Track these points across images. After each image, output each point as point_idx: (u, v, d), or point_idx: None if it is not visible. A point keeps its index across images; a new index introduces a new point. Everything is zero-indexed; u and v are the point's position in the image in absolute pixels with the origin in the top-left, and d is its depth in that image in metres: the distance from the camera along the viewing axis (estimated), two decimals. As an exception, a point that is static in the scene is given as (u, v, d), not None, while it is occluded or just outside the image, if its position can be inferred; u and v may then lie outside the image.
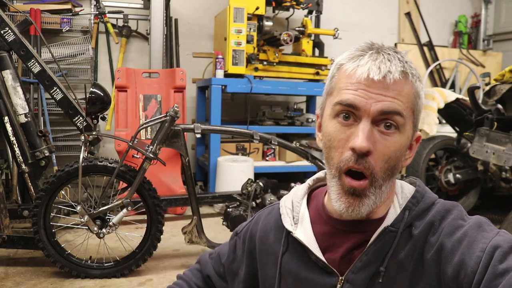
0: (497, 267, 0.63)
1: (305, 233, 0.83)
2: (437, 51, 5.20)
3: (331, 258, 0.80)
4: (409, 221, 0.76)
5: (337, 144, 0.74)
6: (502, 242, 0.66)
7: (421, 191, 0.80)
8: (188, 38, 4.65)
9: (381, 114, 0.71)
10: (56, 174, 2.27)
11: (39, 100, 3.81)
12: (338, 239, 0.80)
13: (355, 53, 0.75)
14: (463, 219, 0.74)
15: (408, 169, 3.77)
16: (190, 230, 2.44)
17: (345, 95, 0.73)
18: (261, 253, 0.91)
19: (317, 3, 4.53)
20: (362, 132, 0.70)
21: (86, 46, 4.03)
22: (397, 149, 0.73)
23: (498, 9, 5.88)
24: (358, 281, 0.76)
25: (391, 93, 0.71)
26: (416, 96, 0.75)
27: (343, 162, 0.73)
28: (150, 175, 2.43)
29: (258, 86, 3.99)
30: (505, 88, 3.02)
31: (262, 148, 4.32)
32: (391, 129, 0.72)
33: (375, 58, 0.73)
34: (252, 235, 0.95)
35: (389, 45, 0.78)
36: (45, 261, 2.41)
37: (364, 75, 0.71)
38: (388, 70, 0.71)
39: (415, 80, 0.75)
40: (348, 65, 0.75)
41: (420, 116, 0.78)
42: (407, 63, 0.74)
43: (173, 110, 2.30)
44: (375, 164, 0.72)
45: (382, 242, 0.75)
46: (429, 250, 0.72)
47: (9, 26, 2.45)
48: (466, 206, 3.81)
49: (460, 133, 3.75)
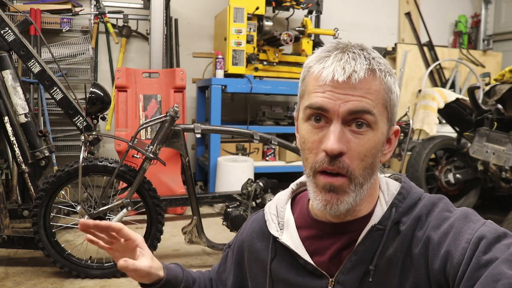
0: (481, 258, 0.63)
1: (291, 238, 0.83)
2: (437, 51, 5.20)
3: (319, 261, 0.80)
4: (396, 218, 0.77)
5: (311, 146, 0.74)
6: (487, 233, 0.66)
7: (406, 187, 0.81)
8: (188, 38, 4.65)
9: (350, 114, 0.71)
10: (56, 174, 2.27)
11: (39, 100, 3.81)
12: (325, 241, 0.81)
13: (321, 54, 0.75)
14: (449, 211, 0.74)
15: (408, 169, 3.77)
16: (190, 230, 2.44)
17: (314, 98, 0.73)
18: (250, 261, 0.91)
19: (317, 3, 4.53)
20: (333, 134, 0.71)
21: (86, 46, 4.03)
22: (372, 146, 0.73)
23: (498, 9, 5.88)
24: (349, 281, 0.76)
25: (359, 92, 0.71)
26: (388, 91, 0.75)
27: (318, 163, 0.73)
28: (150, 175, 2.43)
29: (258, 86, 3.99)
30: (505, 88, 3.02)
31: (262, 148, 4.32)
32: (363, 127, 0.72)
33: (340, 58, 0.72)
34: (239, 244, 0.95)
35: (357, 42, 0.77)
36: (45, 261, 2.41)
37: (329, 77, 0.71)
38: (352, 69, 0.71)
39: (384, 75, 0.74)
40: (315, 68, 0.75)
41: (396, 109, 0.78)
42: (374, 59, 0.74)
43: (173, 110, 2.30)
44: (351, 162, 0.72)
45: (370, 241, 0.76)
46: (416, 245, 0.73)
47: (9, 26, 2.45)
48: (466, 206, 3.79)
49: (460, 133, 3.75)
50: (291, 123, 4.37)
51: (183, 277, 0.94)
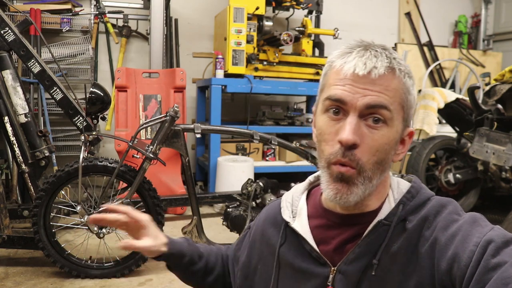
0: (489, 261, 0.63)
1: (301, 225, 0.86)
2: (437, 51, 5.20)
3: (324, 249, 0.82)
4: (403, 215, 0.77)
5: (327, 138, 0.76)
6: (496, 237, 0.66)
7: (416, 187, 0.82)
8: (188, 38, 4.65)
9: (367, 108, 0.73)
10: (56, 174, 2.27)
11: (39, 100, 3.81)
12: (332, 231, 0.83)
13: (344, 50, 0.78)
14: (458, 214, 0.75)
15: (408, 169, 3.77)
16: (190, 230, 2.44)
17: (333, 90, 0.76)
18: (262, 245, 0.94)
19: (317, 3, 4.53)
20: (349, 126, 0.73)
21: (86, 46, 4.03)
22: (385, 142, 0.74)
23: (498, 9, 5.88)
24: (351, 272, 0.77)
25: (378, 87, 0.73)
26: (406, 92, 0.77)
27: (333, 155, 0.75)
28: (150, 175, 2.43)
29: (258, 86, 3.99)
30: (505, 88, 3.02)
31: (262, 148, 4.32)
32: (379, 123, 0.74)
33: (362, 55, 0.75)
34: (256, 228, 0.99)
35: (381, 43, 0.79)
36: (45, 261, 2.41)
37: (350, 71, 0.74)
38: (373, 65, 0.73)
39: (403, 76, 0.76)
40: (337, 62, 0.77)
41: (412, 111, 0.80)
42: (395, 59, 0.76)
43: (173, 110, 2.30)
44: (362, 156, 0.73)
45: (375, 235, 0.77)
46: (423, 244, 0.73)
47: (9, 26, 2.45)
48: (466, 206, 3.81)
49: (460, 133, 3.75)
50: (291, 123, 4.37)
51: (188, 252, 1.00)
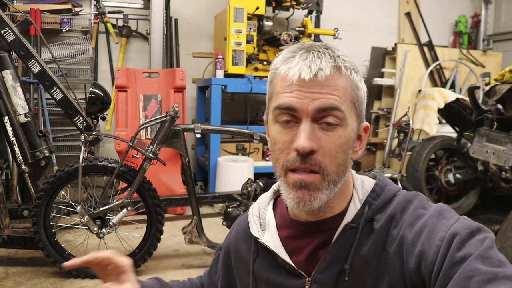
0: (454, 255, 0.63)
1: (271, 238, 0.84)
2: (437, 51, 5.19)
3: (297, 260, 0.81)
4: (369, 215, 0.76)
5: (282, 146, 0.74)
6: (461, 229, 0.65)
7: (380, 184, 0.80)
8: (188, 38, 4.65)
9: (319, 112, 0.72)
10: (56, 174, 2.27)
11: (39, 100, 3.81)
12: (302, 241, 0.81)
13: (287, 55, 0.76)
14: (424, 208, 0.74)
15: (408, 169, 3.77)
16: (190, 230, 2.44)
17: (282, 98, 0.74)
18: (236, 262, 0.93)
19: (317, 3, 4.53)
20: (304, 133, 0.71)
21: (86, 46, 4.03)
22: (342, 142, 0.73)
23: (498, 9, 5.87)
24: (325, 280, 0.76)
25: (326, 89, 0.72)
26: (355, 88, 0.75)
27: (290, 162, 0.73)
28: (150, 175, 2.43)
29: (258, 86, 3.99)
30: (505, 88, 3.02)
31: (262, 148, 4.32)
32: (332, 124, 0.73)
33: (305, 58, 0.73)
34: (227, 246, 0.97)
35: (322, 43, 0.78)
36: (45, 261, 2.41)
37: (296, 76, 0.72)
38: (318, 67, 0.72)
39: (350, 72, 0.75)
40: (281, 68, 0.75)
41: (364, 106, 0.78)
42: (339, 57, 0.74)
43: (173, 110, 2.30)
44: (323, 159, 0.72)
45: (344, 240, 0.76)
46: (391, 244, 0.72)
47: (9, 26, 2.45)
48: (466, 206, 3.81)
49: (460, 133, 3.75)
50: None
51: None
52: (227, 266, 0.96)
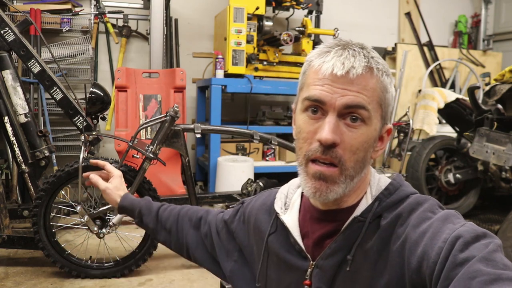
0: (457, 256, 0.62)
1: (291, 218, 0.88)
2: (437, 51, 5.20)
3: (306, 244, 0.85)
4: (378, 211, 0.78)
5: (306, 136, 0.77)
6: (465, 233, 0.65)
7: (395, 184, 0.81)
8: (188, 38, 4.65)
9: (345, 108, 0.74)
10: (56, 174, 2.27)
11: (39, 100, 3.81)
12: (314, 226, 0.84)
13: (323, 49, 0.79)
14: (433, 212, 0.74)
15: (408, 169, 3.77)
16: (190, 230, 2.44)
17: (312, 90, 0.76)
18: (254, 229, 0.97)
19: (317, 3, 4.53)
20: (328, 125, 0.74)
21: (86, 46, 4.03)
22: (364, 140, 0.75)
23: (498, 9, 5.87)
24: (327, 267, 0.79)
25: (356, 87, 0.74)
26: (383, 90, 0.77)
27: (311, 151, 0.76)
28: (150, 175, 2.43)
29: (258, 86, 3.99)
30: (505, 88, 3.02)
31: (262, 148, 4.32)
32: (357, 122, 0.75)
33: (340, 54, 0.75)
34: (250, 209, 1.01)
35: (358, 41, 0.80)
36: (45, 261, 2.41)
37: (329, 71, 0.74)
38: (351, 65, 0.74)
39: (381, 75, 0.77)
40: (316, 61, 0.78)
41: (390, 109, 0.80)
42: (373, 58, 0.77)
43: (173, 110, 2.30)
44: (343, 153, 0.74)
45: (350, 231, 0.78)
46: (395, 242, 0.73)
47: (9, 26, 2.45)
48: (466, 206, 3.81)
49: (460, 133, 3.75)
50: (291, 123, 4.36)
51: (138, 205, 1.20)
52: (246, 227, 1.00)
